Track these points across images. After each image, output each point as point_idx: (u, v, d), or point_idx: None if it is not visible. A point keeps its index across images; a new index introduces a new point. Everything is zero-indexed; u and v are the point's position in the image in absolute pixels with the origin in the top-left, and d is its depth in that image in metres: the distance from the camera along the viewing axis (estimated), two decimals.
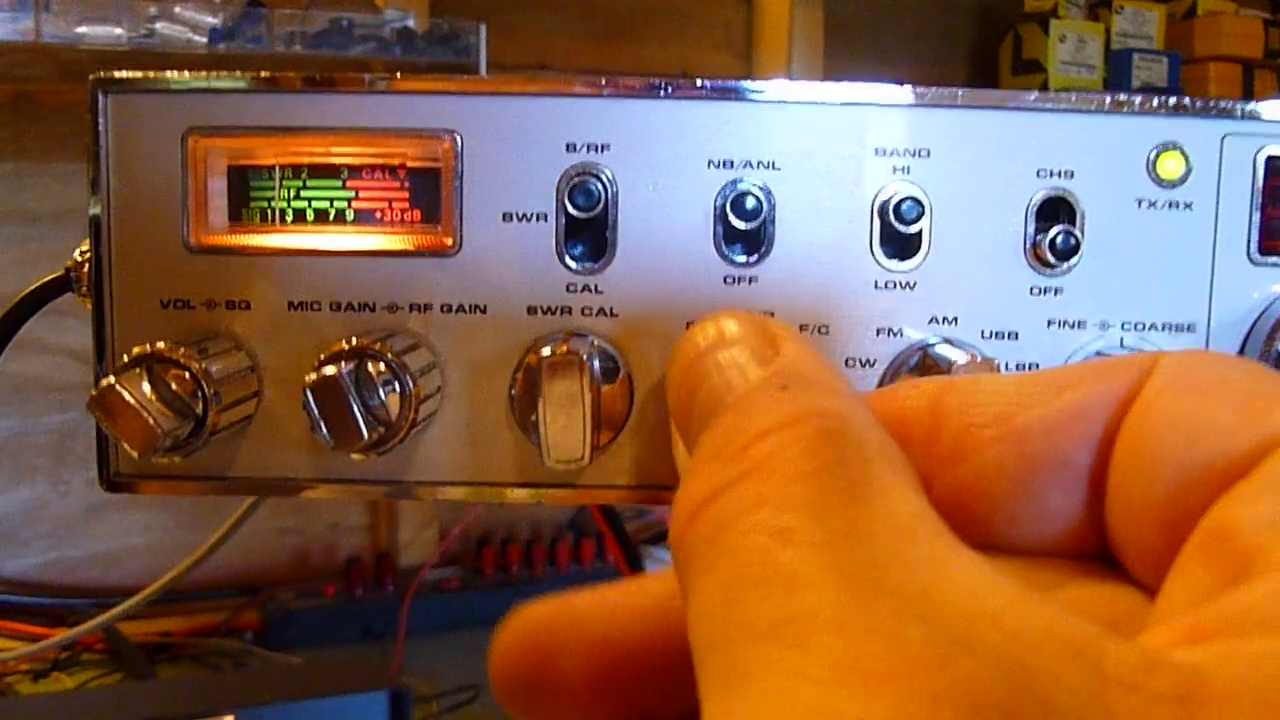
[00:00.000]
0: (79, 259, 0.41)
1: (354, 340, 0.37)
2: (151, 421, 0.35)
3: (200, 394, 0.37)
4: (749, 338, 0.24)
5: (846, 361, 0.40)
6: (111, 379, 0.35)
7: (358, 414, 0.35)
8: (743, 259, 0.39)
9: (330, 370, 0.35)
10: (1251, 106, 0.40)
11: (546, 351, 0.36)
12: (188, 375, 0.37)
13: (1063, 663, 0.16)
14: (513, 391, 0.39)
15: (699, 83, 0.39)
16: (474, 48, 1.38)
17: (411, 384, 0.37)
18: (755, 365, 0.22)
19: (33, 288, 0.47)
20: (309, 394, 0.35)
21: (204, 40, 1.25)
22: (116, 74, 0.39)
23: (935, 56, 1.90)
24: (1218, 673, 0.16)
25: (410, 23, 1.39)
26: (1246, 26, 1.86)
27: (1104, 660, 0.16)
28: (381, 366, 0.37)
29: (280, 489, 0.40)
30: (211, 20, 1.28)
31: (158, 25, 1.25)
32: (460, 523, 1.58)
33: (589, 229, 0.39)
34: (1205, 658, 0.16)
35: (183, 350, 0.37)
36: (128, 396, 0.35)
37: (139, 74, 0.39)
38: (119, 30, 1.24)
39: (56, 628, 1.36)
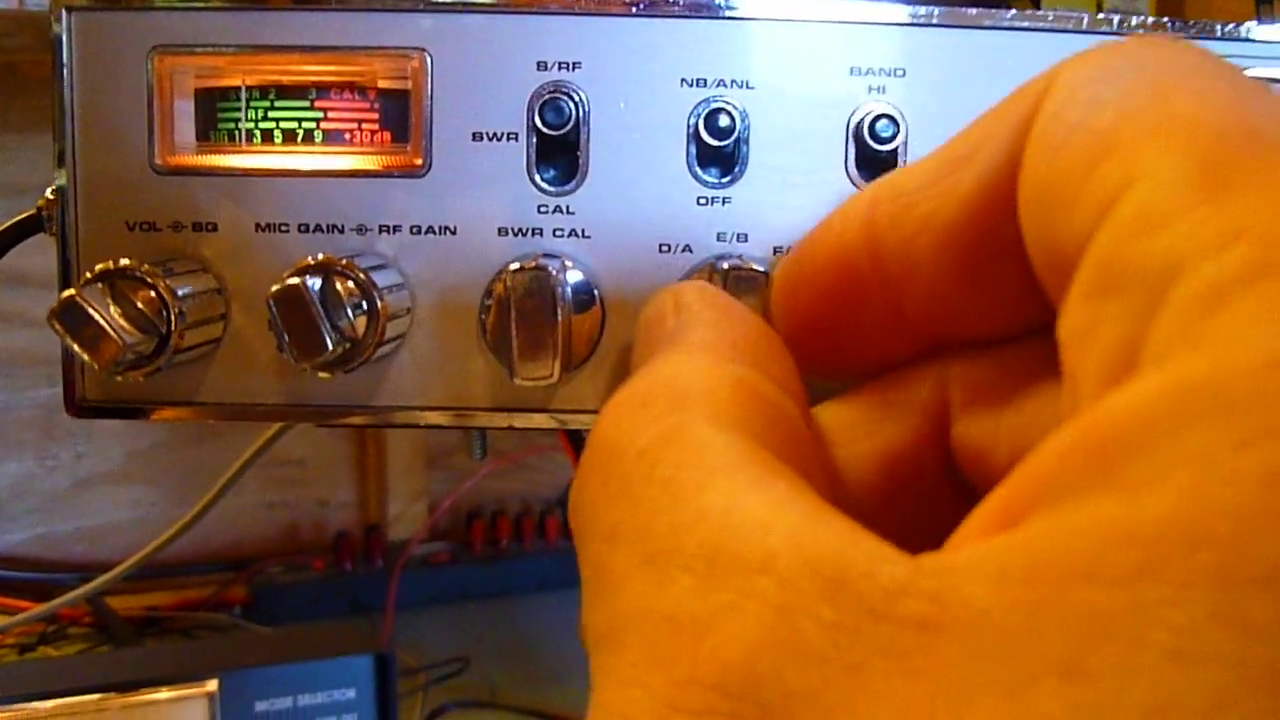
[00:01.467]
0: (50, 196, 0.41)
1: (320, 256, 0.36)
2: (113, 334, 0.34)
3: (165, 311, 0.36)
4: (658, 301, 0.26)
5: None
6: (73, 290, 0.34)
7: (322, 324, 0.34)
8: (716, 180, 0.39)
9: (294, 280, 0.34)
10: (1233, 27, 0.40)
11: (515, 268, 0.36)
12: (153, 293, 0.36)
13: (823, 599, 0.15)
14: (483, 316, 0.39)
15: (674, 1, 0.38)
16: None
17: (379, 300, 0.36)
18: (644, 330, 0.25)
19: (3, 227, 0.46)
20: (272, 304, 0.34)
21: None
22: None
23: None
24: (966, 586, 0.14)
25: None
26: (1238, 1, 1.85)
27: (863, 587, 0.15)
28: (349, 284, 0.36)
29: (248, 414, 0.40)
30: None
31: None
32: (450, 496, 1.57)
33: (560, 149, 0.39)
34: (967, 559, 0.14)
35: (146, 267, 0.36)
36: (90, 310, 0.34)
37: None
38: None
39: (43, 603, 1.36)
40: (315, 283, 0.35)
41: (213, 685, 0.92)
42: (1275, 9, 1.89)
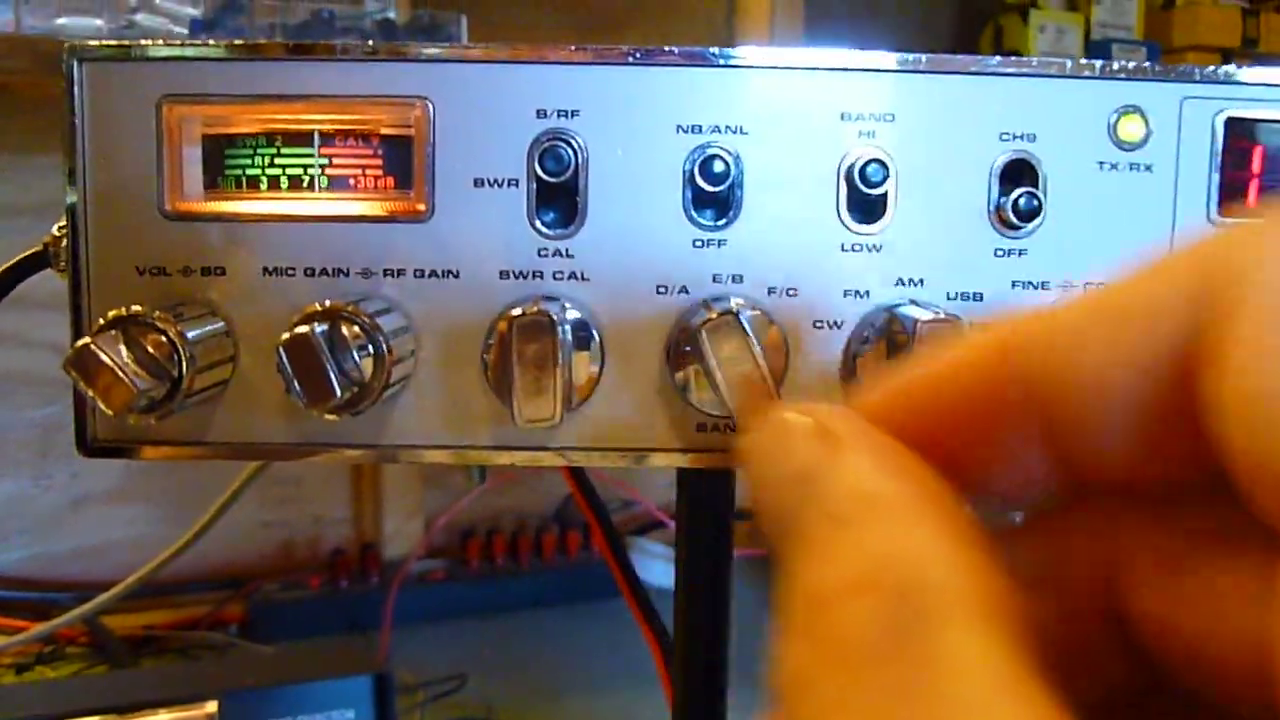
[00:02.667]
0: (56, 234, 0.42)
1: (327, 303, 0.37)
2: (127, 380, 0.35)
3: (176, 356, 0.37)
4: (793, 444, 0.22)
5: (815, 323, 0.40)
6: (88, 339, 0.35)
7: (330, 371, 0.35)
8: (712, 223, 0.40)
9: (303, 329, 0.35)
10: (1210, 70, 0.41)
11: (518, 312, 0.37)
12: (164, 338, 0.37)
13: None
14: (485, 355, 0.40)
15: (668, 49, 0.40)
16: (455, 39, 1.38)
17: (385, 345, 0.37)
18: (802, 484, 0.21)
19: (10, 264, 0.47)
20: (282, 352, 0.35)
21: (184, 31, 1.26)
22: (91, 43, 0.40)
23: (916, 48, 1.91)
24: None
25: (391, 14, 1.40)
26: (1225, 16, 1.87)
27: None
28: (355, 329, 0.37)
29: (256, 454, 0.41)
30: (192, 11, 1.28)
31: (138, 16, 1.25)
32: (445, 513, 1.58)
33: (560, 194, 0.40)
34: None
35: (158, 314, 0.37)
36: (104, 356, 0.35)
37: (113, 42, 0.40)
38: (99, 21, 1.24)
39: (40, 622, 1.36)
40: (322, 329, 0.36)
41: (212, 707, 0.92)
42: (1262, 26, 1.91)
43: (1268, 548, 0.17)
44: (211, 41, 0.40)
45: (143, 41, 0.40)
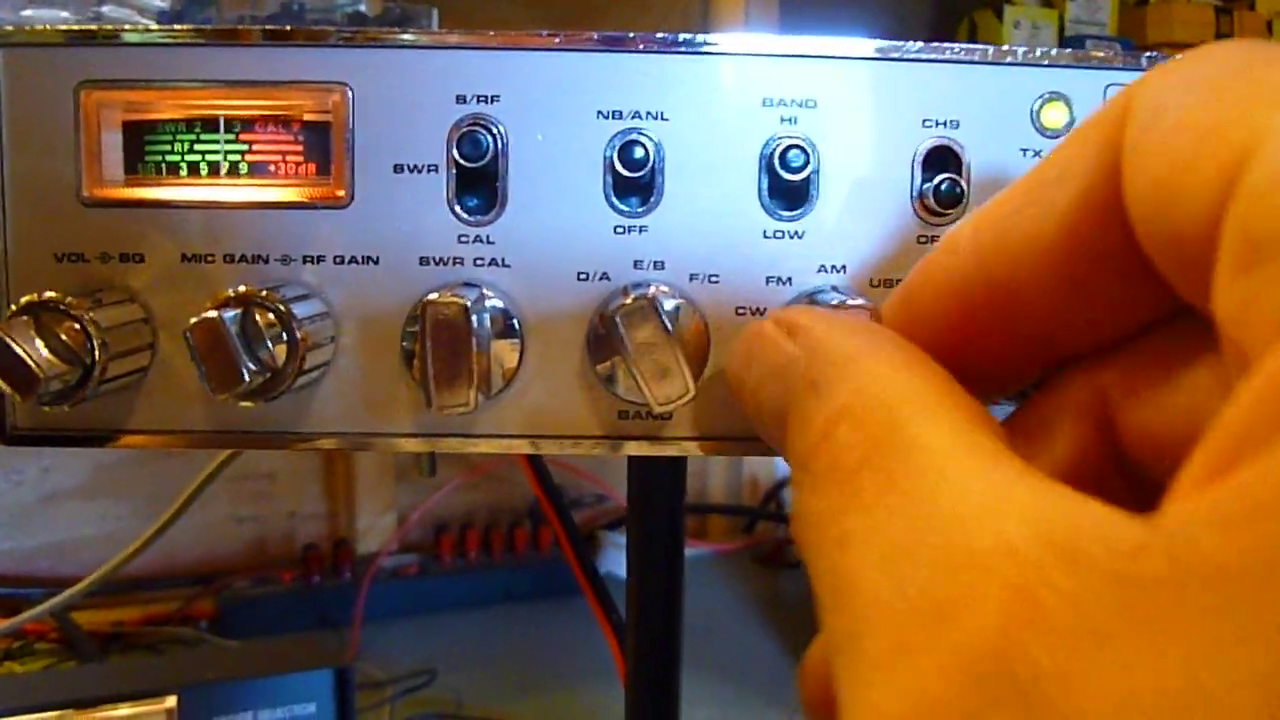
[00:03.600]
0: None
1: (241, 288, 0.37)
2: (34, 366, 0.35)
3: (89, 343, 0.37)
4: (767, 343, 0.25)
5: (737, 310, 0.40)
6: None
7: (239, 357, 0.35)
8: (633, 209, 0.40)
9: (211, 314, 0.35)
10: (1132, 57, 0.41)
11: (433, 297, 0.36)
12: (77, 325, 0.37)
13: (1061, 570, 0.15)
14: (405, 344, 0.39)
15: (589, 34, 0.39)
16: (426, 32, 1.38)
17: (298, 331, 0.37)
18: (783, 372, 0.24)
19: None
20: (189, 337, 0.35)
21: (152, 23, 1.25)
22: (7, 28, 0.39)
23: None
24: (1199, 538, 0.14)
25: (362, 7, 1.39)
26: (1198, 13, 1.88)
27: (1098, 552, 0.15)
28: (269, 315, 0.37)
29: (177, 442, 0.40)
30: (160, 3, 1.27)
31: (105, 8, 1.24)
32: (418, 509, 1.58)
33: (481, 180, 0.40)
34: (1192, 512, 0.15)
35: (70, 299, 0.37)
36: (12, 342, 0.35)
37: (30, 28, 0.39)
38: (65, 13, 1.24)
39: (10, 618, 1.35)
40: (232, 315, 0.35)
41: (172, 701, 0.92)
42: (1235, 23, 1.92)
43: (1206, 336, 0.19)
44: (129, 26, 0.40)
45: (60, 26, 0.40)
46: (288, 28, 0.39)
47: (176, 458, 1.48)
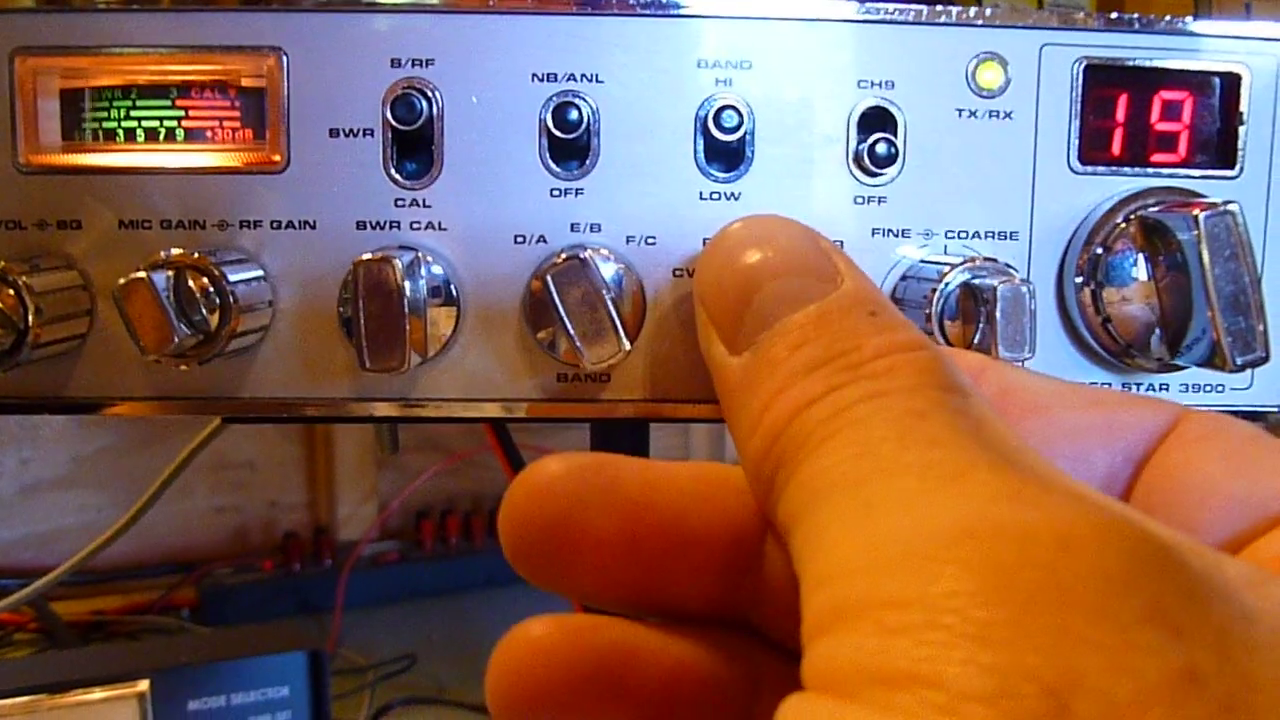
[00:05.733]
0: None
1: (174, 252, 0.37)
2: None
3: (22, 308, 0.37)
4: (799, 250, 0.26)
5: (674, 271, 0.40)
6: None
7: (169, 317, 0.35)
8: (569, 171, 0.40)
9: (139, 274, 0.35)
10: (1069, 15, 0.41)
11: (365, 258, 0.36)
12: (11, 291, 0.37)
13: (1186, 548, 0.18)
14: (341, 309, 0.40)
15: None
16: None
17: (232, 295, 0.37)
18: (819, 281, 0.25)
19: None
20: (116, 296, 0.35)
21: None
22: None
23: None
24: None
25: None
26: None
27: (1221, 560, 0.18)
28: (203, 279, 0.37)
29: (116, 407, 0.40)
30: None
31: None
32: (399, 496, 1.58)
33: (418, 144, 0.40)
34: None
35: (3, 265, 0.37)
36: None
37: None
38: None
39: None
40: (161, 277, 0.35)
41: (144, 685, 0.92)
42: (1213, 3, 1.92)
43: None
44: None
45: None
46: None
47: (155, 447, 1.48)
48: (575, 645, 0.26)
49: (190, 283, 0.37)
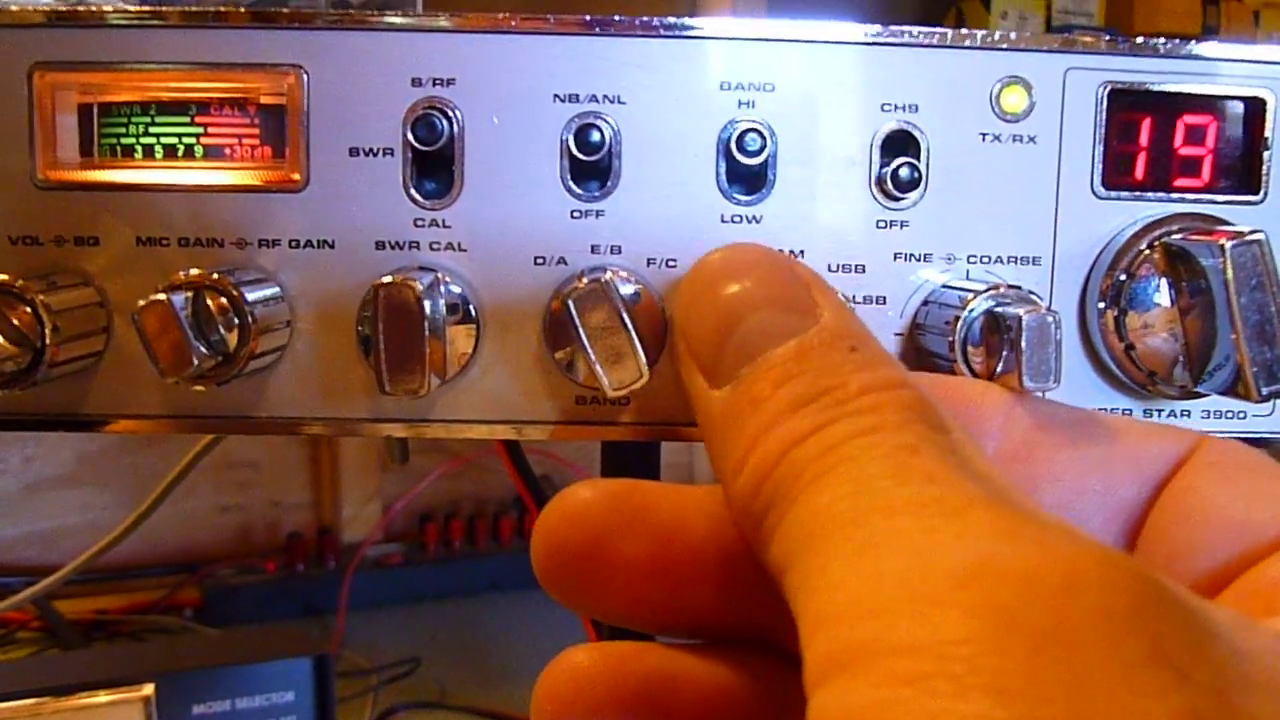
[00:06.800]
0: None
1: (193, 272, 0.37)
2: None
3: (40, 326, 0.37)
4: (780, 281, 0.26)
5: None
6: None
7: (189, 339, 0.35)
8: (590, 193, 0.40)
9: (159, 296, 0.35)
10: (1093, 40, 0.41)
11: (385, 280, 0.36)
12: (29, 309, 0.37)
13: (1179, 588, 0.18)
14: (360, 328, 0.39)
15: (546, 17, 0.39)
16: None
17: (250, 315, 0.37)
18: (799, 315, 0.25)
19: None
20: (136, 319, 0.35)
21: (130, 4, 1.24)
22: None
23: None
24: None
25: None
26: (1185, 3, 1.88)
27: (1206, 603, 0.18)
28: (221, 300, 0.37)
29: (131, 425, 0.40)
30: None
31: None
32: (403, 498, 1.58)
33: (438, 164, 0.40)
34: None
35: (21, 282, 0.37)
36: None
37: None
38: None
39: None
40: (181, 299, 0.35)
41: (149, 689, 0.92)
42: (1222, 14, 1.91)
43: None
44: (82, 8, 0.39)
45: (13, 7, 0.39)
46: (241, 9, 0.39)
47: (158, 447, 1.48)
48: (617, 672, 0.27)
49: (209, 303, 0.36)
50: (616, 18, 0.39)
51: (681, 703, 0.27)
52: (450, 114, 0.39)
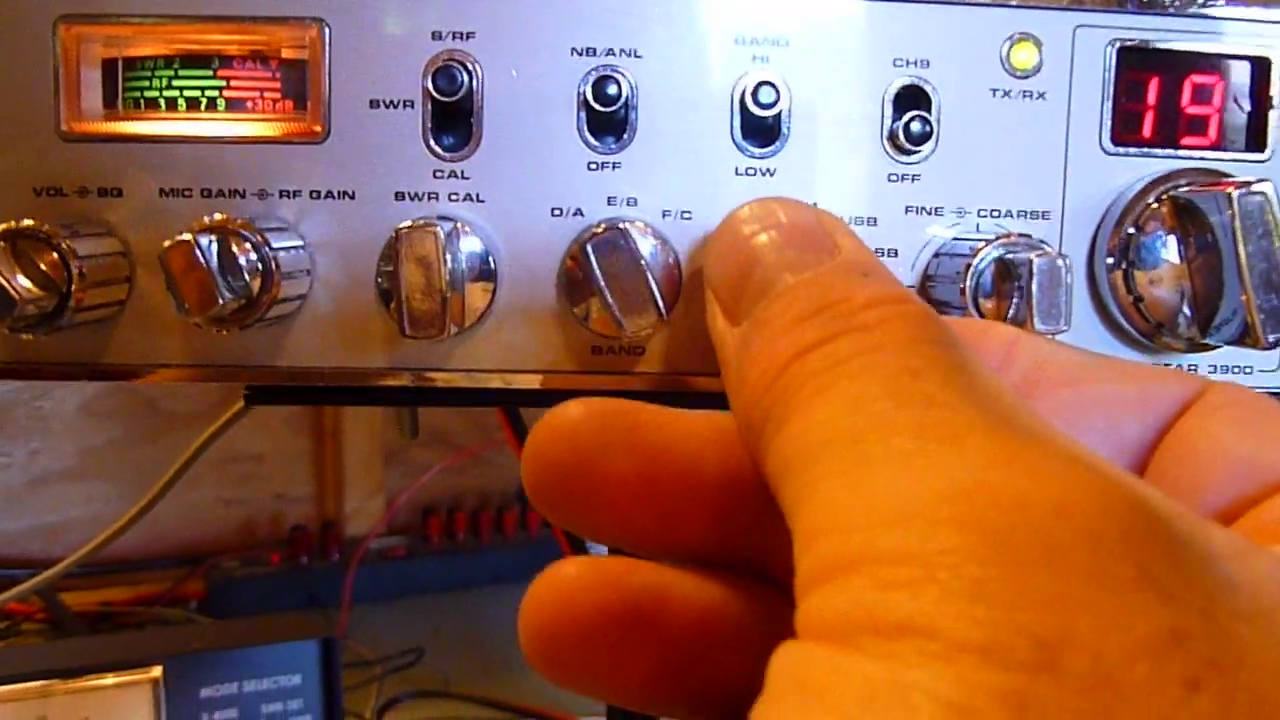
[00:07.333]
0: None
1: (217, 216, 0.38)
2: (11, 291, 0.35)
3: (66, 270, 0.37)
4: (803, 227, 0.26)
5: None
6: None
7: (215, 278, 0.35)
8: (606, 145, 0.40)
9: (185, 237, 0.35)
10: (1184, 3, 0.41)
11: (405, 225, 0.37)
12: (55, 254, 0.37)
13: (1177, 516, 0.18)
14: (379, 279, 0.40)
15: None
16: None
17: (274, 260, 0.37)
18: (816, 252, 0.25)
19: None
20: (163, 259, 0.35)
21: None
22: None
23: None
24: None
25: None
26: None
27: (1210, 529, 0.18)
28: (245, 244, 0.37)
29: (153, 373, 0.41)
30: None
31: None
32: (407, 490, 1.58)
33: (457, 116, 0.40)
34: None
35: (49, 227, 0.37)
36: None
37: None
38: None
39: None
40: (207, 240, 0.36)
41: (157, 671, 0.92)
42: None
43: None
44: None
45: None
46: None
47: (164, 439, 1.48)
48: (608, 585, 0.27)
49: (234, 247, 0.37)
50: None
51: (670, 620, 0.27)
52: (470, 67, 0.39)
